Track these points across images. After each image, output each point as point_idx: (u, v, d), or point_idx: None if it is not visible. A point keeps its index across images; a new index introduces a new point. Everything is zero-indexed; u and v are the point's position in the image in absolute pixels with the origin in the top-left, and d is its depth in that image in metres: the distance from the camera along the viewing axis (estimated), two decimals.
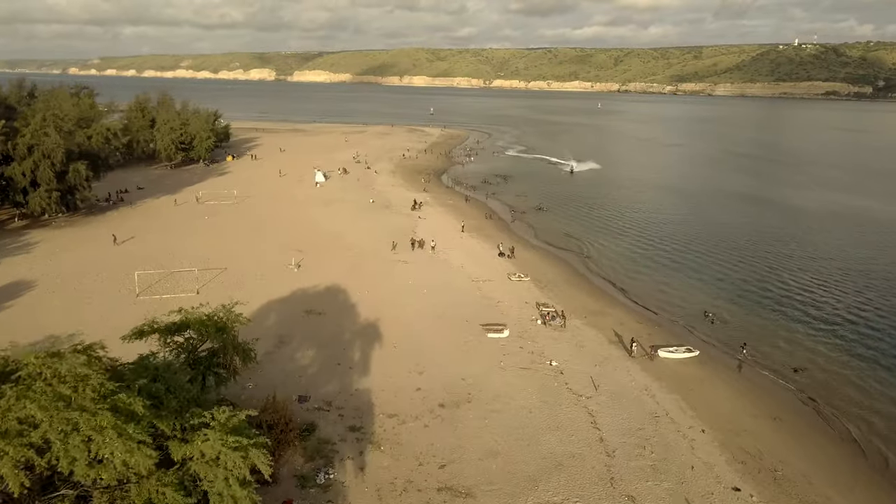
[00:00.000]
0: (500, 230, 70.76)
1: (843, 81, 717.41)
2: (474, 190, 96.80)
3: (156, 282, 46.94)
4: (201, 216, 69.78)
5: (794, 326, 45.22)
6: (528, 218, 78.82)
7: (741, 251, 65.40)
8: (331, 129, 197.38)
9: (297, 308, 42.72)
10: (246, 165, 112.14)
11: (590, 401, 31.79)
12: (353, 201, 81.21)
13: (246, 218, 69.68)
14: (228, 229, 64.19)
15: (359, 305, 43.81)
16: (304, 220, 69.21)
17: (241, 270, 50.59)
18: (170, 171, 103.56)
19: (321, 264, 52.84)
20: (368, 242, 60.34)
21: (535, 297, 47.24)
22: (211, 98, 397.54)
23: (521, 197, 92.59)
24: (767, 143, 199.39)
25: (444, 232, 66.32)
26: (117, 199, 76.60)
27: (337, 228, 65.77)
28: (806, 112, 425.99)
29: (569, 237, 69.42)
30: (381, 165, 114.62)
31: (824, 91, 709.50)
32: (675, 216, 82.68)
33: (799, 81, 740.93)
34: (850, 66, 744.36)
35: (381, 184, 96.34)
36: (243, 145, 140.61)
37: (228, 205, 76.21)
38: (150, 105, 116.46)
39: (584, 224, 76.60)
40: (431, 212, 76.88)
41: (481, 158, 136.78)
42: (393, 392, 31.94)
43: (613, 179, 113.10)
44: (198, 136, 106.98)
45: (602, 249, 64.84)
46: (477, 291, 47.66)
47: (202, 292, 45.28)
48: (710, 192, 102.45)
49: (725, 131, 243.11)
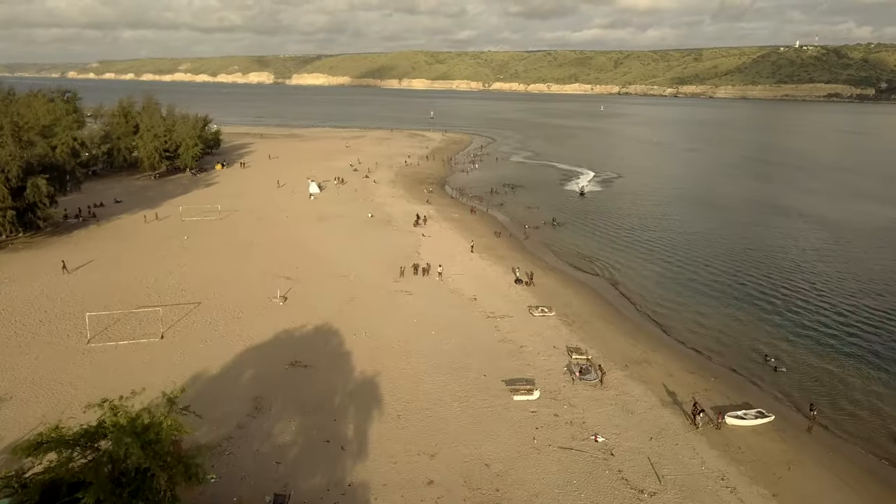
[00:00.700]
0: (514, 249, 63.39)
1: (846, 83, 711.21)
2: (481, 201, 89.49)
3: (113, 323, 39.50)
4: (179, 235, 62.33)
5: (872, 373, 37.88)
6: (542, 234, 71.46)
7: (786, 274, 58.00)
8: (328, 134, 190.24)
9: (279, 358, 35.31)
10: (235, 175, 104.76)
11: (655, 501, 24.36)
12: (350, 216, 73.84)
13: (229, 238, 62.25)
14: (208, 252, 56.75)
15: (354, 353, 36.42)
16: (295, 241, 61.80)
17: (218, 305, 43.21)
18: (153, 181, 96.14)
19: (311, 296, 45.46)
20: (366, 268, 52.94)
21: (563, 337, 39.89)
22: (207, 102, 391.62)
23: (533, 209, 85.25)
24: (780, 146, 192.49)
25: (451, 253, 58.99)
26: (88, 216, 69.13)
27: (331, 250, 58.35)
28: (811, 114, 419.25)
29: (590, 258, 62.07)
30: (381, 174, 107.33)
31: (826, 93, 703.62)
32: (705, 231, 75.23)
33: (801, 83, 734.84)
34: (852, 67, 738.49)
35: (380, 195, 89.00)
36: (235, 152, 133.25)
37: (212, 221, 68.78)
38: (134, 110, 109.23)
39: (605, 241, 69.24)
40: (436, 228, 69.52)
41: (486, 165, 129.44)
42: (399, 489, 24.51)
43: (631, 189, 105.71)
44: (184, 143, 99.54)
45: (629, 272, 57.50)
46: (495, 332, 40.27)
47: (168, 336, 37.94)
48: (737, 203, 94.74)
49: (736, 135, 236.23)
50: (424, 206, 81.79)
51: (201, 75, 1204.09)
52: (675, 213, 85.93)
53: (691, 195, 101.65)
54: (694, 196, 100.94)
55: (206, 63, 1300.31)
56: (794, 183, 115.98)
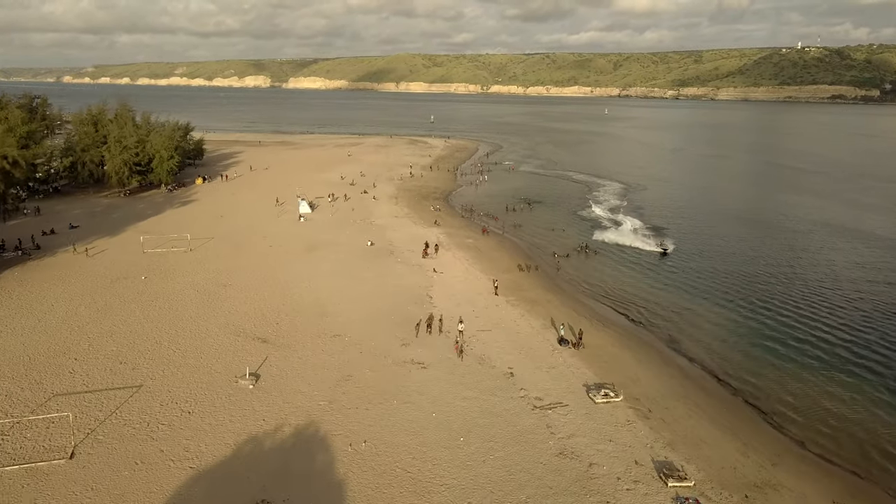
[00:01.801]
0: (547, 289, 51.79)
1: (850, 85, 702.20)
2: (495, 221, 78.03)
3: (9, 429, 27.85)
4: (136, 275, 50.68)
5: None
6: (575, 265, 59.93)
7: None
8: (323, 140, 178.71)
9: (238, 497, 23.65)
10: (217, 190, 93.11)
11: None
12: (346, 244, 62.27)
13: (197, 276, 50.58)
14: (167, 299, 45.09)
15: (348, 484, 24.76)
16: (278, 280, 50.17)
17: (165, 389, 31.60)
18: (122, 199, 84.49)
19: (292, 374, 33.83)
20: (366, 322, 41.34)
21: (644, 441, 28.32)
22: (200, 107, 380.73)
23: (558, 231, 73.79)
24: (803, 152, 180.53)
25: (471, 296, 47.47)
26: (29, 248, 57.39)
27: (321, 295, 46.69)
28: (820, 116, 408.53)
29: (642, 299, 50.38)
30: (381, 188, 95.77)
31: (830, 95, 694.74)
32: (773, 261, 62.62)
33: (804, 85, 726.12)
34: (856, 69, 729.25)
35: (381, 214, 77.46)
36: (221, 163, 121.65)
37: (180, 254, 57.13)
38: (106, 117, 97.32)
39: (653, 276, 57.56)
40: (449, 259, 57.96)
41: (495, 176, 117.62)
42: None
43: (666, 203, 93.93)
44: (158, 155, 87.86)
45: (700, 323, 45.69)
46: (549, 436, 28.57)
47: (83, 452, 26.29)
48: (798, 224, 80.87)
49: (755, 139, 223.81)
50: (432, 228, 70.41)
51: (197, 79, 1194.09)
52: (729, 236, 74.01)
53: (738, 212, 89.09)
54: (742, 214, 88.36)
55: (202, 67, 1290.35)
56: (846, 197, 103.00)
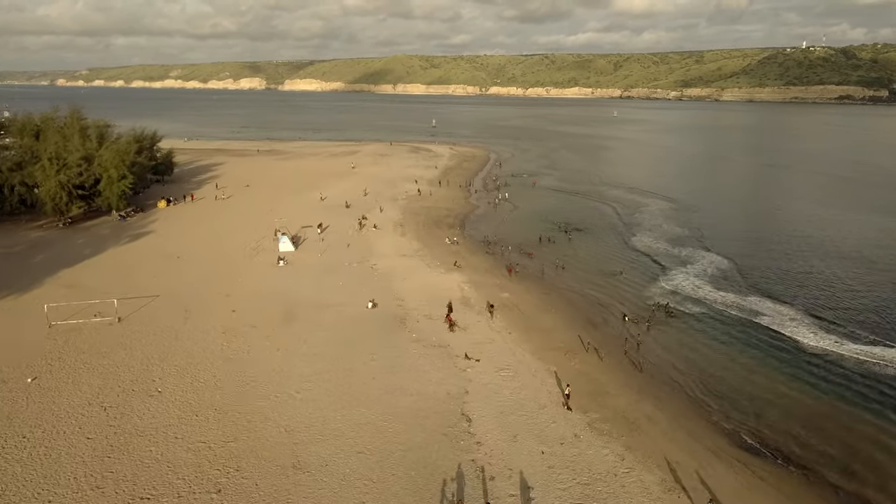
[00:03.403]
0: (640, 393, 34.56)
1: (857, 85, 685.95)
2: (530, 258, 61.09)
3: None
4: (18, 377, 33.46)
5: None
6: (662, 343, 42.71)
7: None
8: (316, 149, 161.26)
9: None
10: (181, 217, 75.74)
11: None
12: (338, 306, 45.02)
13: (106, 383, 33.37)
14: (39, 439, 27.91)
15: None
16: (237, 385, 32.96)
17: None
18: (58, 232, 67.22)
19: None
20: (374, 488, 24.17)
21: None
22: (191, 110, 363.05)
23: (618, 276, 56.63)
24: (839, 158, 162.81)
25: (530, 414, 30.47)
26: None
27: (300, 425, 29.44)
28: (834, 118, 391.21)
29: (802, 423, 33.31)
30: (383, 213, 78.53)
31: (838, 95, 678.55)
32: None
33: (810, 85, 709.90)
34: (863, 68, 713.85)
35: (384, 253, 60.30)
36: (194, 178, 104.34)
37: (102, 328, 39.92)
38: (53, 126, 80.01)
39: (795, 367, 40.49)
40: (485, 333, 40.85)
41: (515, 193, 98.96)
42: None
43: (741, 231, 76.64)
44: (105, 175, 70.60)
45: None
46: None
47: None
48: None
49: (800, 146, 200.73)
50: (453, 274, 53.40)
51: (192, 82, 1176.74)
52: (839, 280, 56.97)
53: (829, 245, 70.19)
54: (836, 246, 69.55)
55: (197, 69, 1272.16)
56: None
